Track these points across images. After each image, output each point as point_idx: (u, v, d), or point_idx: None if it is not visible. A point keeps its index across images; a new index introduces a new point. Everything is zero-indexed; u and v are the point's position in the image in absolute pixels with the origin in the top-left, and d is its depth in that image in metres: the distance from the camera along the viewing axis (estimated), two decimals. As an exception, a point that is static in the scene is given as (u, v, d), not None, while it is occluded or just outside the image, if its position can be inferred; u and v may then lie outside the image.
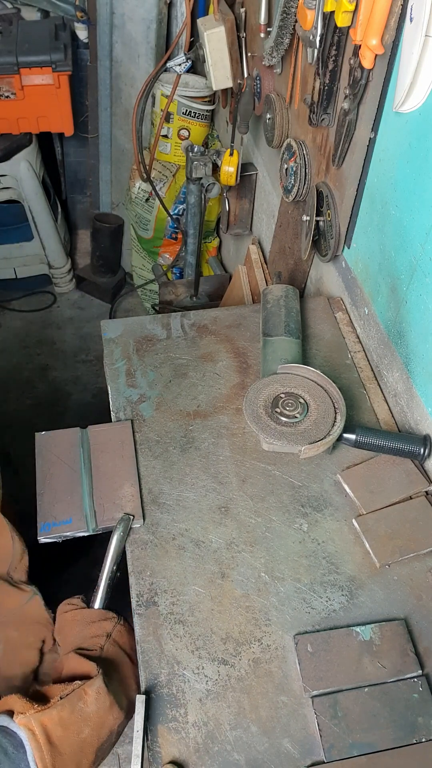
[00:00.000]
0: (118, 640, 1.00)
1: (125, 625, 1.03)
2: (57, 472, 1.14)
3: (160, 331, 1.41)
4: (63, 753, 0.83)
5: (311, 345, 1.38)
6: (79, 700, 0.87)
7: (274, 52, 1.52)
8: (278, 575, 1.03)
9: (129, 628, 1.03)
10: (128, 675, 0.98)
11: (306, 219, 1.48)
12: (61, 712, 0.85)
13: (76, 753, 0.85)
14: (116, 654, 0.99)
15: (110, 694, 0.90)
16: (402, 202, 1.15)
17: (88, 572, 1.70)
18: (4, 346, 2.96)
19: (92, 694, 0.88)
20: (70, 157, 3.05)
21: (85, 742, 0.86)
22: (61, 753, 0.83)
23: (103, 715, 0.88)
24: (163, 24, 2.52)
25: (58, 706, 0.85)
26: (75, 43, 2.59)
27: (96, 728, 0.87)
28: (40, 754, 0.81)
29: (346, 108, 1.22)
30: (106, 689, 0.89)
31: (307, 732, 0.89)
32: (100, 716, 0.88)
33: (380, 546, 1.05)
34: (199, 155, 2.01)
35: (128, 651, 1.00)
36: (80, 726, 0.86)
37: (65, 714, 0.85)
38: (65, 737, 0.84)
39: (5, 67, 2.22)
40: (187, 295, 2.41)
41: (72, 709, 0.86)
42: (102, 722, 0.88)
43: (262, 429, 1.10)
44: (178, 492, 1.13)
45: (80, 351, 2.96)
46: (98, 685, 0.89)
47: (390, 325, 1.25)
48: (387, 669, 0.93)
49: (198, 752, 0.87)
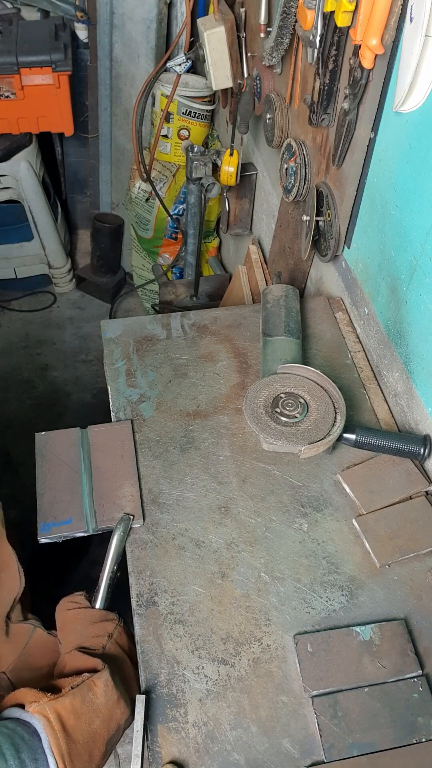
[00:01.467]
0: (118, 641, 1.00)
1: (124, 627, 1.03)
2: (57, 472, 1.14)
3: (160, 331, 1.41)
4: (77, 741, 0.83)
5: (311, 345, 1.38)
6: (89, 691, 0.87)
7: (274, 52, 1.52)
8: (278, 575, 1.03)
9: (127, 630, 1.03)
10: (129, 675, 0.99)
11: (306, 219, 1.48)
12: (73, 701, 0.84)
13: (88, 742, 0.84)
14: (118, 654, 0.99)
15: (117, 688, 0.90)
16: (402, 202, 1.15)
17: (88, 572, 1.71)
18: (4, 346, 2.96)
19: (101, 686, 0.88)
20: (70, 157, 3.05)
21: (96, 733, 0.86)
22: (75, 741, 0.83)
23: (111, 708, 0.88)
24: (163, 24, 2.52)
25: (70, 695, 0.85)
26: (75, 43, 2.59)
27: (105, 720, 0.87)
28: (56, 741, 0.81)
29: (346, 108, 1.22)
30: (114, 683, 0.90)
31: (307, 732, 0.89)
32: (109, 708, 0.88)
33: (380, 546, 1.05)
34: (199, 155, 2.01)
35: (128, 652, 1.00)
36: (91, 716, 0.86)
37: (77, 703, 0.85)
38: (78, 726, 0.84)
39: (5, 67, 2.22)
40: (187, 295, 2.41)
41: (83, 699, 0.86)
42: (111, 715, 0.88)
43: (262, 429, 1.10)
44: (178, 492, 1.13)
45: (80, 351, 2.96)
46: (106, 677, 0.89)
47: (390, 325, 1.25)
48: (387, 669, 0.93)
49: (198, 752, 0.87)
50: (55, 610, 1.08)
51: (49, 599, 1.14)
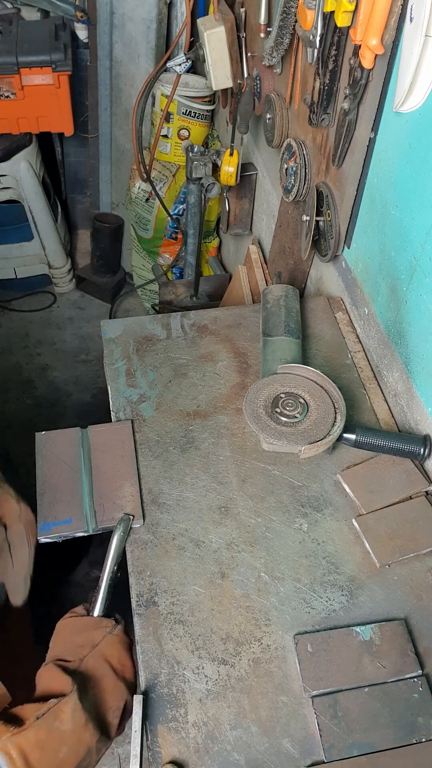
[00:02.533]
0: (105, 651, 0.97)
1: (119, 635, 1.00)
2: (57, 472, 1.14)
3: (160, 331, 1.41)
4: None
5: (311, 345, 1.38)
6: (55, 720, 0.85)
7: (274, 52, 1.52)
8: (278, 575, 1.03)
9: (123, 638, 1.00)
10: (108, 690, 0.95)
11: (306, 219, 1.48)
12: (38, 733, 0.83)
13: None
14: (97, 667, 0.95)
15: (85, 711, 0.88)
16: (402, 202, 1.15)
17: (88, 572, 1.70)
18: (4, 346, 2.96)
19: (68, 712, 0.86)
20: (70, 157, 3.05)
21: (63, 761, 0.85)
22: None
23: (79, 733, 0.87)
24: (163, 24, 2.52)
25: (35, 726, 0.84)
26: (75, 43, 2.59)
27: (74, 746, 0.86)
28: None
29: (346, 108, 1.22)
30: (81, 706, 0.88)
31: (307, 732, 0.89)
32: (76, 734, 0.86)
33: (380, 546, 1.05)
34: (199, 155, 2.01)
35: (114, 663, 0.97)
36: (58, 746, 0.85)
37: (42, 735, 0.84)
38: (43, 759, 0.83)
39: (5, 67, 2.22)
40: (187, 295, 2.41)
41: (49, 730, 0.84)
42: (79, 739, 0.87)
43: (262, 429, 1.10)
44: (178, 492, 1.13)
45: (80, 351, 2.96)
46: (74, 701, 0.87)
47: (390, 325, 1.25)
48: (387, 669, 0.93)
49: (198, 752, 0.87)
50: (55, 610, 1.08)
51: (49, 599, 1.14)
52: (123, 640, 0.99)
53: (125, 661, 0.97)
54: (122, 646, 0.99)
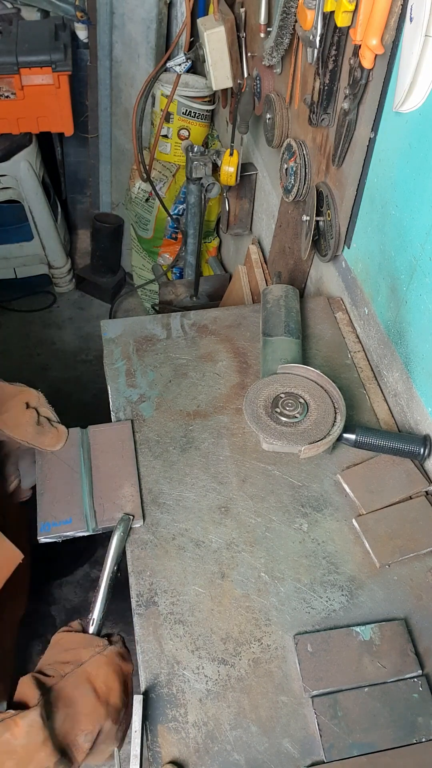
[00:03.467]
0: (90, 672, 0.92)
1: (110, 656, 0.94)
2: (57, 472, 1.14)
3: (160, 331, 1.41)
4: None
5: (311, 345, 1.38)
6: (6, 731, 0.82)
7: (274, 52, 1.52)
8: (278, 575, 1.03)
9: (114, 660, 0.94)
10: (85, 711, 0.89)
11: (306, 219, 1.48)
12: None
13: None
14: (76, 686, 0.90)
15: (46, 729, 0.83)
16: (402, 202, 1.15)
17: (88, 572, 1.71)
18: (4, 346, 2.96)
19: (23, 727, 0.82)
20: (70, 157, 3.05)
21: None
22: None
23: (32, 751, 0.82)
24: (163, 24, 2.52)
25: None
26: (75, 43, 2.59)
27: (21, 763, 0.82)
28: None
29: (346, 108, 1.22)
30: (42, 723, 0.83)
31: (307, 732, 0.89)
32: (28, 751, 0.82)
33: (380, 546, 1.05)
34: (199, 155, 2.01)
35: (98, 685, 0.91)
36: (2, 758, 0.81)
37: None
38: None
39: (5, 67, 2.22)
40: (187, 295, 2.41)
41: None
42: (29, 758, 0.82)
43: (262, 429, 1.10)
44: (178, 492, 1.13)
45: (80, 351, 2.96)
46: (32, 718, 0.83)
47: (390, 325, 1.25)
48: (387, 669, 0.93)
49: (198, 752, 0.87)
50: (54, 610, 1.08)
51: (49, 599, 1.14)
52: (112, 662, 0.94)
53: (111, 684, 0.92)
54: (110, 668, 0.93)
